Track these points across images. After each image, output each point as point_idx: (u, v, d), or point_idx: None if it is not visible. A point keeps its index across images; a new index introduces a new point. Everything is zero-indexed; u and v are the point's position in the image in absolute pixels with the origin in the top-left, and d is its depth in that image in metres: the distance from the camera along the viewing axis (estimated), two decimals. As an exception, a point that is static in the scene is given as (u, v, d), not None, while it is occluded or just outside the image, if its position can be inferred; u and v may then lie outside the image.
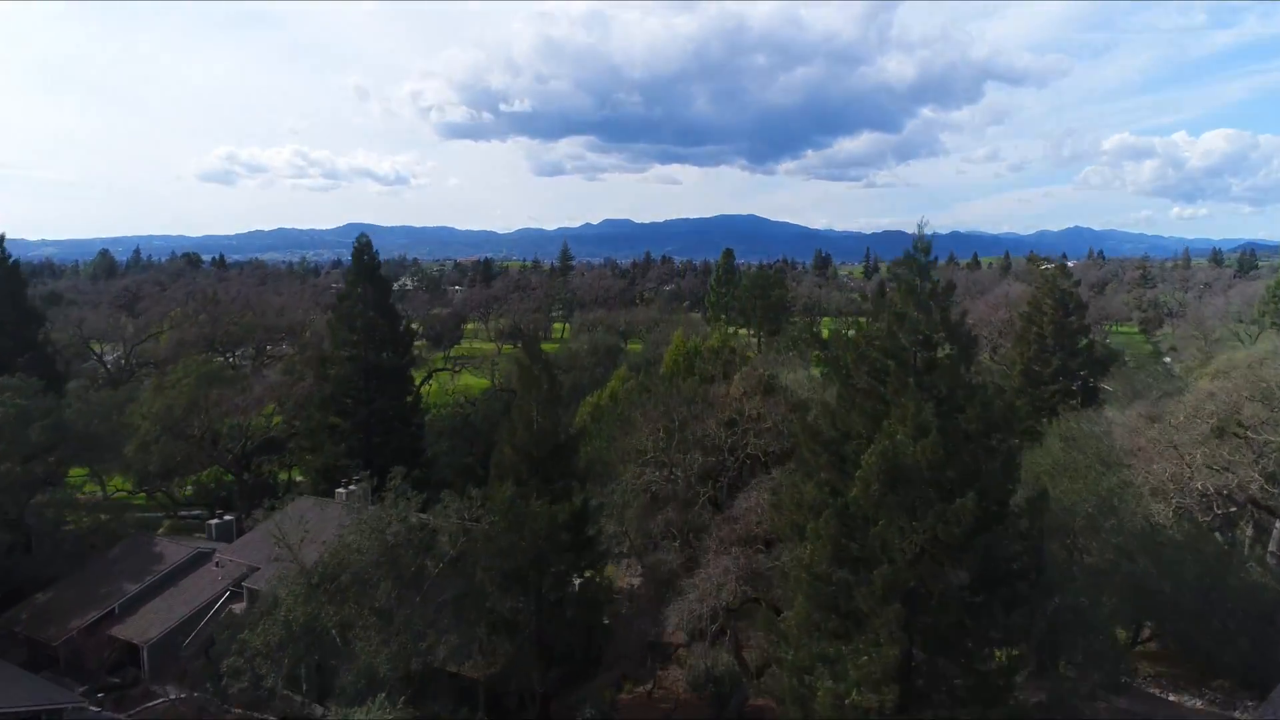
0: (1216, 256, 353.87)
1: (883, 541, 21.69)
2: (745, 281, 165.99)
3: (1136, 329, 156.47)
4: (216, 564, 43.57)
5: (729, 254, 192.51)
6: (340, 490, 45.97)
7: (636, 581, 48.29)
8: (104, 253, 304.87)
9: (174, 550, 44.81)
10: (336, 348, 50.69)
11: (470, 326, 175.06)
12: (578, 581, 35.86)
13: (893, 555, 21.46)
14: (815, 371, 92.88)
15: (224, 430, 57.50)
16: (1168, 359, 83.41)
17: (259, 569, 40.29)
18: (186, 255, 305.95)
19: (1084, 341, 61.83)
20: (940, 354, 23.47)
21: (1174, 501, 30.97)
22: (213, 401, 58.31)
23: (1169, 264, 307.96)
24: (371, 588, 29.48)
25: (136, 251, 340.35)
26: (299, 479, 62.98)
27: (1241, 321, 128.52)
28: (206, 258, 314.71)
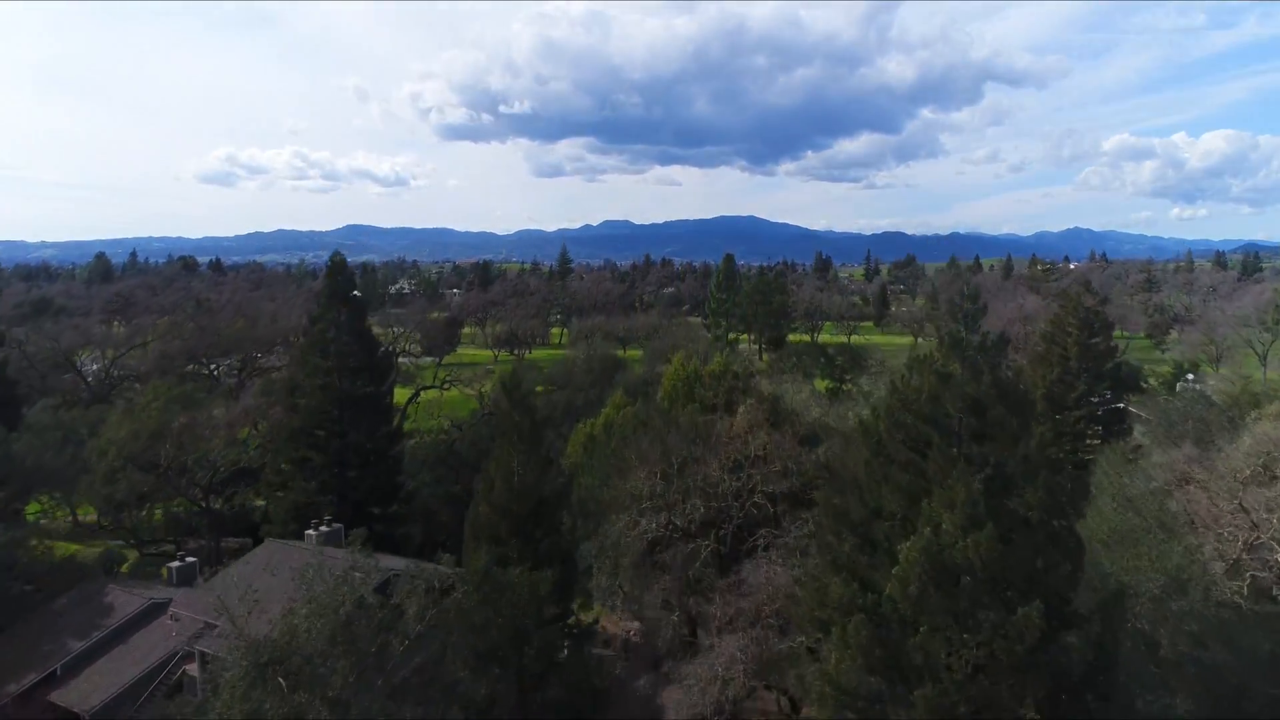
0: (1220, 259, 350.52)
1: (926, 654, 17.91)
2: (746, 287, 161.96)
3: (1143, 334, 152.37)
4: (172, 617, 39.66)
5: (729, 259, 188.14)
6: (310, 532, 42.30)
7: (633, 627, 44.50)
8: (100, 256, 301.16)
9: (126, 601, 40.88)
10: (308, 375, 46.76)
11: (467, 330, 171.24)
12: (565, 644, 32.16)
13: (938, 673, 17.68)
14: (820, 386, 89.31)
15: (190, 461, 53.58)
16: (1190, 375, 79.39)
17: (216, 626, 36.50)
18: (183, 259, 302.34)
19: (1111, 364, 57.95)
20: (991, 416, 19.68)
21: (1248, 576, 27.15)
22: (181, 428, 54.47)
23: (1171, 266, 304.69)
24: (326, 671, 25.69)
25: (133, 255, 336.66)
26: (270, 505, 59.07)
27: (1250, 326, 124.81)
28: (205, 260, 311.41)
